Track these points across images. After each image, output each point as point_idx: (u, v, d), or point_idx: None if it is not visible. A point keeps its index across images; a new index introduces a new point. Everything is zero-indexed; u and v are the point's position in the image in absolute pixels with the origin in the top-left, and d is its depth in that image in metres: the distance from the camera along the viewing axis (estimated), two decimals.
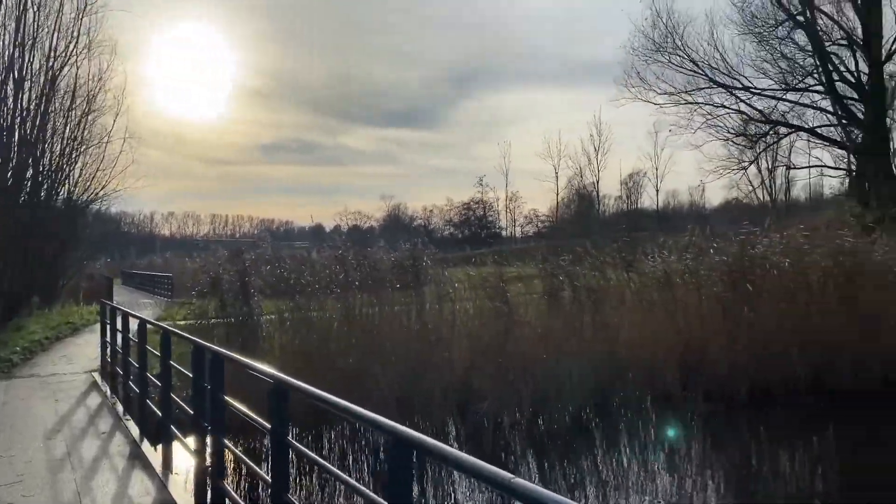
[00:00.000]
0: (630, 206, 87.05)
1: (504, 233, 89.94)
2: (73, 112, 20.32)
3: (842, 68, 27.92)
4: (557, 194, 77.74)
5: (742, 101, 27.95)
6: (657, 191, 77.48)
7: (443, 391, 10.16)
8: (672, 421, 11.52)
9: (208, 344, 5.51)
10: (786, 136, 29.88)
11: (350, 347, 10.24)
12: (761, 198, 74.08)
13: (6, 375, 13.29)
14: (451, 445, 10.34)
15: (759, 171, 73.53)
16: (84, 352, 16.25)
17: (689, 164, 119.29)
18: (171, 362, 7.06)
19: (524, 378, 10.57)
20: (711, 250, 13.49)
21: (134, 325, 9.03)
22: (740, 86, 28.86)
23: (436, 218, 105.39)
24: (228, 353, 4.92)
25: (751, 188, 74.17)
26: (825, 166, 32.46)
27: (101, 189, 24.29)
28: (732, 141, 28.02)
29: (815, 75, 28.65)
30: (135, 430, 8.11)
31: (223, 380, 4.94)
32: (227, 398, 4.82)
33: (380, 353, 9.93)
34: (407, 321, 10.79)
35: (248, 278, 10.52)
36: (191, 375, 5.64)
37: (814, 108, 28.83)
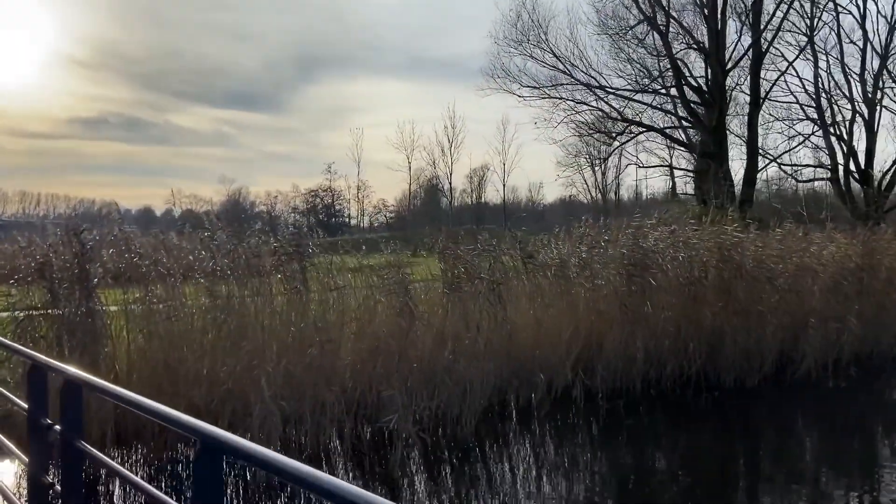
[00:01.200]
0: (475, 199, 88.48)
1: (353, 222, 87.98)
2: None
3: (686, 74, 29.34)
4: (410, 184, 77.12)
5: (601, 98, 28.50)
6: (504, 185, 79.24)
7: (333, 402, 8.59)
8: (567, 423, 10.80)
9: None
10: (638, 134, 31.01)
11: (224, 352, 8.33)
12: (594, 196, 78.46)
13: None
14: (336, 465, 8.70)
15: (594, 171, 77.86)
16: None
17: (533, 161, 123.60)
18: None
19: (424, 383, 9.25)
20: (602, 242, 12.96)
21: None
22: (597, 84, 29.44)
23: (280, 205, 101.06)
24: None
25: (586, 186, 78.40)
26: (671, 166, 34.16)
27: None
28: (593, 137, 28.51)
29: (664, 79, 29.89)
30: None
31: None
32: None
33: (263, 358, 8.13)
34: (295, 318, 9.02)
35: (89, 264, 8.23)
36: None
37: (662, 110, 30.07)
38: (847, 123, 31.68)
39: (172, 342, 8.38)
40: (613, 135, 29.50)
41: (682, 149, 31.76)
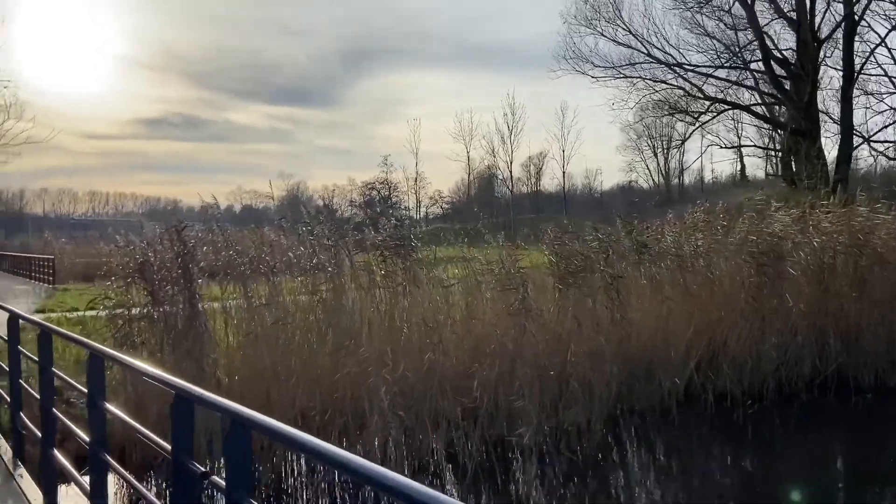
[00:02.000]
0: (531, 188, 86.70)
1: (411, 214, 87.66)
2: None
3: (771, 48, 27.46)
4: (469, 174, 75.94)
5: (680, 76, 26.91)
6: (564, 173, 77.26)
7: (450, 411, 7.74)
8: (698, 430, 9.72)
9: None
10: (721, 113, 29.29)
11: (335, 357, 7.55)
12: (656, 181, 75.74)
13: None
14: (457, 480, 7.75)
15: (656, 155, 75.17)
16: None
17: (589, 147, 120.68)
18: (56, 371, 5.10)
19: (542, 389, 8.30)
20: (719, 229, 11.74)
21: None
22: (674, 61, 27.84)
23: (337, 198, 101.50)
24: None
25: (648, 171, 75.76)
26: (756, 146, 32.23)
27: None
28: (674, 116, 26.98)
29: (747, 54, 28.06)
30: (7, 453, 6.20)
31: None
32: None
33: (378, 363, 7.33)
34: (404, 318, 8.20)
35: (192, 264, 7.57)
36: None
37: (745, 86, 28.26)
38: None
39: (280, 347, 7.65)
40: (696, 114, 27.89)
41: (765, 127, 29.83)
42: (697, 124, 28.37)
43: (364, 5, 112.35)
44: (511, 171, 74.91)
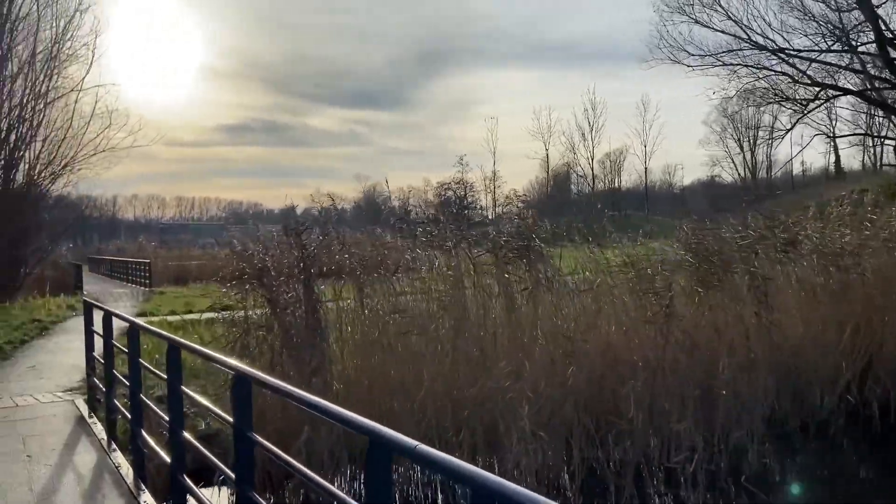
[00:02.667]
0: (608, 184, 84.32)
1: (488, 214, 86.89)
2: (31, 75, 16.21)
3: (883, 29, 25.25)
4: (548, 172, 74.53)
5: (785, 62, 25.11)
6: (646, 168, 74.70)
7: (592, 431, 6.93)
8: (868, 451, 8.54)
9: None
10: (829, 100, 27.26)
11: (466, 369, 6.87)
12: (742, 175, 72.16)
13: None
14: None
15: (741, 147, 71.65)
16: (58, 360, 12.57)
17: (667, 142, 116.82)
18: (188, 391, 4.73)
19: (692, 405, 7.37)
20: (868, 223, 10.45)
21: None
22: (776, 46, 26.02)
23: (412, 199, 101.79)
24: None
25: (733, 165, 72.27)
26: (869, 135, 29.90)
27: (64, 166, 20.13)
28: (781, 105, 25.22)
29: (853, 36, 25.93)
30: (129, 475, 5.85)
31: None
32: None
33: (508, 376, 6.62)
34: (535, 327, 7.46)
35: (313, 269, 7.06)
36: None
37: (854, 70, 26.14)
38: None
39: (405, 357, 7.03)
40: (805, 101, 26.00)
41: (866, 114, 27.53)
42: (803, 112, 26.44)
43: (436, 8, 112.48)
44: (592, 168, 72.83)
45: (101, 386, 8.21)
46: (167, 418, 5.09)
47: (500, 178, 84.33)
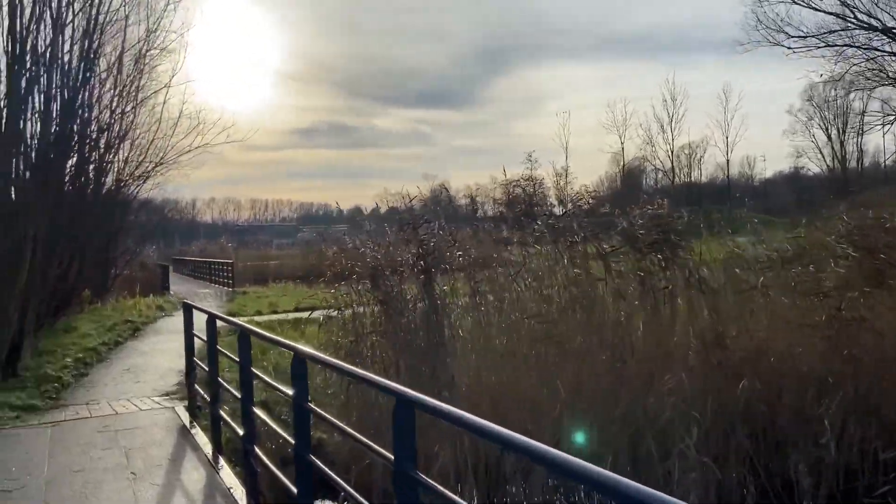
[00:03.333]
0: (683, 178, 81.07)
1: (557, 210, 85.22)
2: (120, 76, 16.14)
3: None
4: (623, 166, 72.21)
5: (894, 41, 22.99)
6: (728, 161, 71.21)
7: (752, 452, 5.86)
8: None
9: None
10: None
11: (614, 381, 5.95)
12: (831, 166, 67.97)
13: (53, 407, 9.34)
14: None
15: (829, 137, 67.52)
16: (152, 363, 12.30)
17: (754, 132, 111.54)
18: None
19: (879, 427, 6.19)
20: None
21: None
22: (882, 26, 23.86)
23: (480, 197, 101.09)
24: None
25: (821, 156, 68.19)
26: None
27: (153, 169, 20.16)
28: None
29: None
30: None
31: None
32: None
33: (679, 392, 5.67)
34: (687, 333, 6.46)
35: (434, 268, 6.29)
36: None
37: None
38: None
39: (541, 368, 6.15)
40: None
41: None
42: None
43: (502, 5, 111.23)
44: (672, 161, 69.99)
45: (201, 392, 7.69)
46: (292, 441, 4.37)
47: (571, 173, 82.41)
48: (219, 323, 7.11)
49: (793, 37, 24.56)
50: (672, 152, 68.98)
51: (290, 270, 43.11)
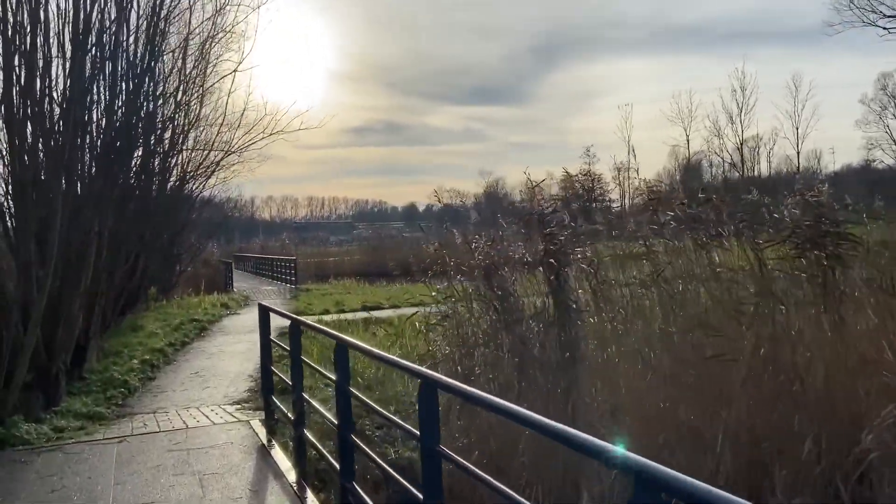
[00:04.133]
0: (748, 171, 77.49)
1: (617, 206, 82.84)
2: (184, 65, 15.41)
3: None
4: (688, 159, 69.42)
5: None
6: (798, 153, 67.62)
7: None
8: None
9: None
10: None
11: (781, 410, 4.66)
12: None
13: (119, 416, 8.56)
14: None
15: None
16: (221, 366, 11.51)
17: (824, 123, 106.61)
18: None
19: None
20: None
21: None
22: None
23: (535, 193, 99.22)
24: None
25: None
26: None
27: (222, 160, 19.53)
28: None
29: None
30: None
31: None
32: None
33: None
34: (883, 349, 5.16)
35: (567, 267, 5.13)
36: None
37: None
38: None
39: (701, 389, 4.89)
40: None
41: None
42: None
43: (556, 1, 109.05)
44: (742, 153, 66.70)
45: (280, 406, 6.73)
46: (414, 491, 3.28)
47: (632, 167, 79.84)
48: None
49: (888, 16, 22.41)
50: (741, 144, 65.53)
51: (349, 267, 42.67)
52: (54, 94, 8.66)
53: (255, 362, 11.71)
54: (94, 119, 9.96)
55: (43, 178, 8.50)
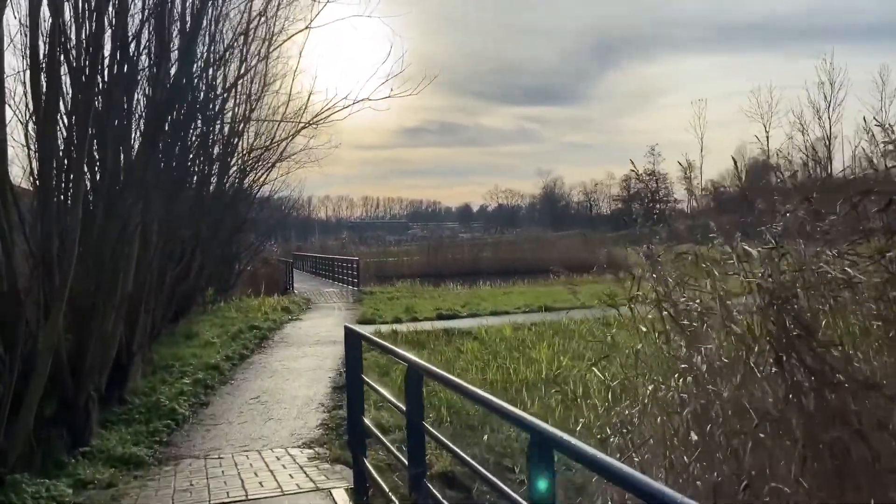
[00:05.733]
0: (820, 172, 72.13)
1: (682, 207, 78.68)
2: (245, 50, 13.42)
3: None
4: (768, 157, 65.13)
5: None
6: (884, 153, 62.32)
7: None
8: None
9: None
10: None
11: None
12: None
13: (162, 461, 6.55)
14: None
15: None
16: (286, 389, 9.44)
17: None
18: None
19: None
20: None
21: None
22: None
23: (594, 194, 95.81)
24: None
25: None
26: None
27: (279, 156, 17.62)
28: None
29: None
30: None
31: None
32: None
33: None
34: None
35: None
36: None
37: None
38: None
39: None
40: None
41: None
42: None
43: None
44: (829, 150, 61.86)
45: (378, 479, 4.52)
46: None
47: (697, 167, 75.74)
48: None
49: None
50: (829, 139, 60.56)
51: (409, 268, 40.73)
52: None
53: (324, 384, 9.62)
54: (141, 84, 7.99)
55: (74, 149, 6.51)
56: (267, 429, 7.58)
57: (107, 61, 6.81)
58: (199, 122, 10.72)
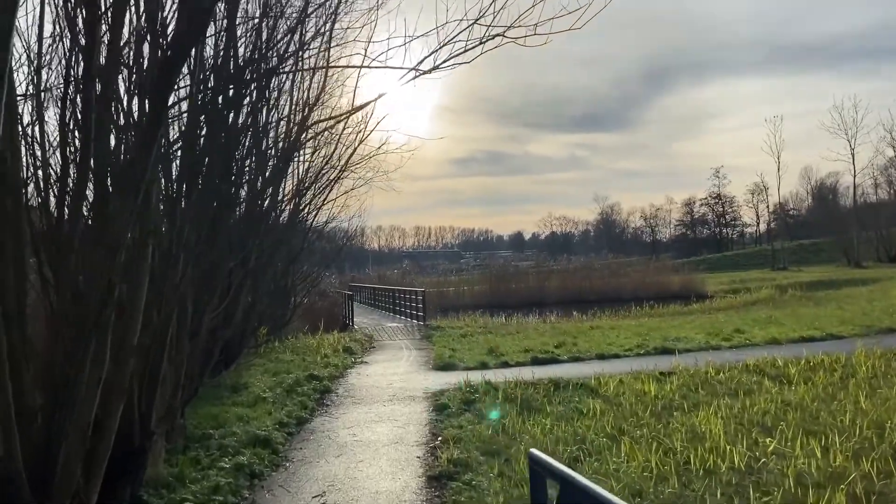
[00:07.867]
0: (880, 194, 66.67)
1: (748, 231, 73.92)
2: (299, 76, 10.86)
3: None
4: (854, 175, 60.32)
5: None
6: None
7: None
8: None
9: None
10: None
11: None
12: None
13: None
14: None
15: None
16: (361, 480, 6.51)
17: None
18: None
19: None
20: None
21: None
22: None
23: (654, 219, 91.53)
24: None
25: None
26: None
27: (338, 179, 15.01)
28: None
29: None
30: None
31: None
32: None
33: None
34: None
35: None
36: None
37: None
38: None
39: None
40: None
41: None
42: None
43: (664, 25, 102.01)
44: None
45: None
46: None
47: (767, 188, 70.93)
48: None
49: None
50: None
51: (472, 297, 37.70)
52: None
53: (413, 471, 6.70)
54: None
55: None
56: None
57: None
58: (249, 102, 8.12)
